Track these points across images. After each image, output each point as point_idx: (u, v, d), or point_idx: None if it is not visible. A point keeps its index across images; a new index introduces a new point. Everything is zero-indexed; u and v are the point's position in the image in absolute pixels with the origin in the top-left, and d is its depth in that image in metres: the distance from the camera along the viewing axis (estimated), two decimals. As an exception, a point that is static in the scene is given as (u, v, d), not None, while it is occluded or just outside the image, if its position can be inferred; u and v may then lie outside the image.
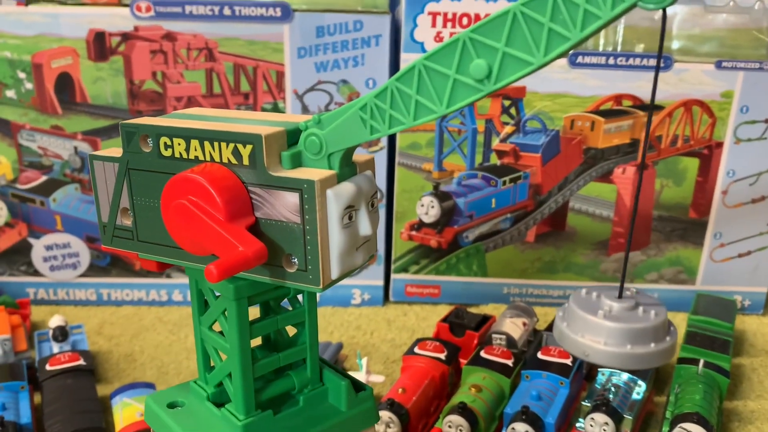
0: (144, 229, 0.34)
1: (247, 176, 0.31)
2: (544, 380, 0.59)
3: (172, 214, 0.31)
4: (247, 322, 0.33)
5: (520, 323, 0.68)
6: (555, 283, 0.81)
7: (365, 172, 0.32)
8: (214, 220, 0.29)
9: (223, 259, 0.28)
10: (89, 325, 0.77)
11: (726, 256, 0.80)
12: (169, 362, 0.70)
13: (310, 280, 0.30)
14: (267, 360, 0.34)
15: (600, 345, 0.29)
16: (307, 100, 0.75)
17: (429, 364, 0.61)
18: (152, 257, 0.35)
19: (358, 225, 0.31)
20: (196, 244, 0.31)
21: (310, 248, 0.30)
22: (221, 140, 0.31)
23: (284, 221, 0.30)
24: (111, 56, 0.73)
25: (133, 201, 0.34)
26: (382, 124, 0.28)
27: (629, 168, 0.77)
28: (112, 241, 0.36)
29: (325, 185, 0.30)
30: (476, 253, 0.80)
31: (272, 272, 0.31)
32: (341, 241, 0.30)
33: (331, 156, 0.30)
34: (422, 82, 0.26)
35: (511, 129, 0.76)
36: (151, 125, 0.33)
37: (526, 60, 0.23)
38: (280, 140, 0.31)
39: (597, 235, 0.79)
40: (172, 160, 0.32)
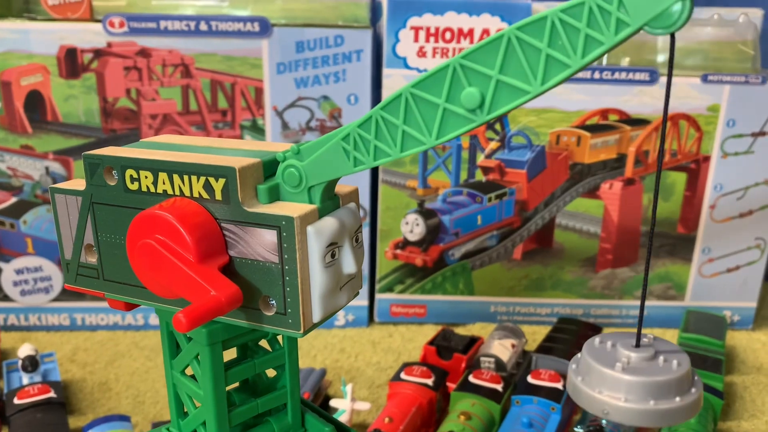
0: (110, 268, 0.32)
1: (219, 212, 0.29)
2: (534, 406, 0.57)
3: (139, 254, 0.28)
4: (222, 367, 0.30)
5: (509, 345, 0.66)
6: (543, 301, 0.79)
7: (349, 204, 0.30)
8: (184, 261, 0.27)
9: (194, 306, 0.25)
10: (62, 351, 0.74)
11: (715, 271, 0.79)
12: (146, 390, 0.67)
13: (289, 324, 0.28)
14: (244, 407, 0.32)
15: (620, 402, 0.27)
16: (287, 117, 0.73)
17: (416, 390, 0.59)
18: (119, 297, 0.32)
19: (341, 263, 0.28)
20: (164, 286, 0.28)
21: (290, 290, 0.28)
22: (191, 173, 0.29)
23: (261, 261, 0.28)
24: (83, 73, 0.70)
25: (98, 237, 0.32)
26: (366, 156, 0.26)
27: (616, 183, 0.75)
28: (76, 279, 0.33)
29: (306, 221, 0.28)
30: (462, 271, 0.78)
31: (248, 315, 0.29)
32: (323, 281, 0.28)
33: (312, 189, 0.28)
34: (409, 112, 0.24)
35: (496, 145, 0.74)
36: (115, 157, 0.30)
37: (522, 89, 0.22)
38: (255, 173, 0.28)
39: (584, 251, 0.78)
40: (138, 195, 0.30)
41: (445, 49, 0.71)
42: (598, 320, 0.79)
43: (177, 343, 0.33)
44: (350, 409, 0.59)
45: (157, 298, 0.31)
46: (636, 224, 0.77)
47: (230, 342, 0.31)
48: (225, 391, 0.31)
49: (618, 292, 0.79)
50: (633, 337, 0.30)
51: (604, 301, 0.79)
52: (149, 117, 0.72)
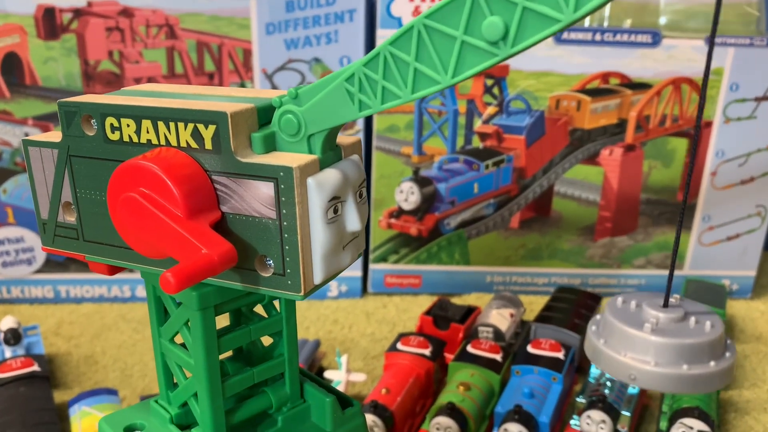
0: (90, 227, 0.29)
1: (210, 163, 0.26)
2: (535, 376, 0.56)
3: (121, 209, 0.26)
4: (215, 334, 0.28)
5: (507, 314, 0.64)
6: (540, 271, 0.78)
7: (351, 156, 0.27)
8: (171, 216, 0.25)
9: (183, 265, 0.23)
10: (46, 325, 0.72)
11: (714, 239, 0.77)
12: (134, 364, 0.65)
13: (288, 286, 0.26)
14: (239, 377, 0.30)
15: (649, 366, 0.24)
16: (277, 80, 0.70)
17: (413, 361, 0.57)
18: (101, 260, 0.30)
19: (344, 219, 0.26)
20: (150, 245, 0.26)
21: (289, 248, 0.25)
22: (178, 120, 0.26)
23: (256, 216, 0.26)
24: (62, 34, 0.67)
25: (77, 194, 0.29)
26: (372, 99, 0.23)
27: (617, 149, 0.73)
28: (53, 241, 0.31)
29: (306, 173, 0.25)
30: (458, 240, 0.76)
31: (243, 277, 0.27)
32: (325, 239, 0.25)
33: (312, 138, 0.26)
34: (422, 46, 0.22)
35: (493, 110, 0.72)
36: (94, 103, 0.28)
37: (552, 16, 0.19)
38: (249, 119, 0.26)
39: (583, 219, 0.76)
40: (120, 145, 0.28)
41: (442, 9, 0.68)
42: (596, 290, 0.78)
43: (165, 309, 0.30)
44: (345, 380, 0.58)
45: (143, 260, 0.28)
46: (636, 191, 0.75)
47: (223, 307, 0.28)
48: (218, 359, 0.28)
49: (616, 261, 0.77)
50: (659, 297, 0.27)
51: (603, 270, 0.78)
52: (133, 80, 0.69)
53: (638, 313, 0.27)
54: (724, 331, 0.27)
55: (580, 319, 0.65)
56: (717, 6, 0.21)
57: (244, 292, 0.28)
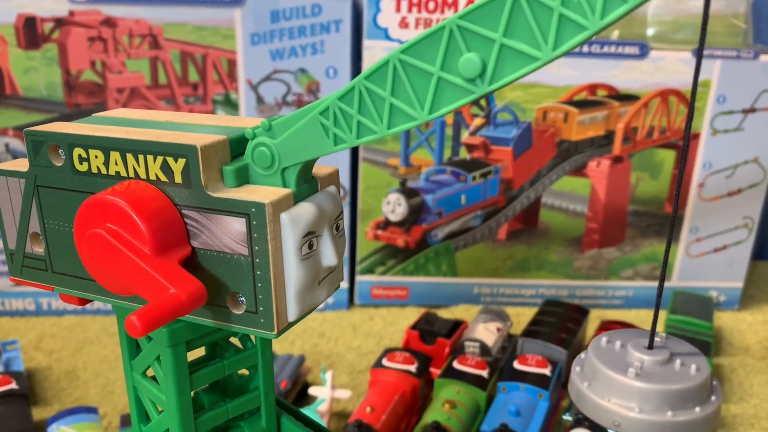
0: (59, 259, 0.29)
1: (180, 197, 0.25)
2: (521, 393, 0.55)
3: (88, 246, 0.25)
4: (186, 370, 0.27)
5: (494, 328, 0.64)
6: (527, 282, 0.77)
7: (328, 188, 0.27)
8: (138, 254, 0.24)
9: (149, 307, 0.22)
10: (27, 338, 0.71)
11: (702, 250, 0.77)
12: (115, 379, 0.64)
13: (261, 324, 0.25)
14: (213, 413, 0.29)
15: (633, 412, 0.24)
16: (262, 91, 0.69)
17: (399, 377, 0.57)
18: (71, 292, 0.29)
19: (320, 254, 0.25)
20: (117, 282, 0.25)
21: (261, 286, 0.25)
22: (147, 152, 0.25)
23: (228, 252, 0.25)
24: (44, 44, 0.66)
25: (45, 225, 0.28)
26: (348, 133, 0.23)
27: (604, 161, 0.73)
28: (21, 272, 0.30)
29: (279, 208, 0.24)
30: (445, 252, 0.76)
31: (215, 314, 0.26)
32: (299, 275, 0.25)
33: (286, 171, 0.25)
34: (398, 82, 0.21)
35: (481, 121, 0.71)
36: (61, 133, 0.27)
37: (531, 54, 0.19)
38: (221, 152, 0.25)
39: (570, 231, 0.76)
40: (88, 177, 0.27)
41: (429, 20, 0.67)
42: (583, 301, 0.78)
43: (137, 342, 0.29)
44: (330, 397, 0.57)
45: (113, 294, 0.28)
46: (623, 203, 0.75)
47: (195, 342, 0.28)
48: (190, 396, 0.28)
49: (604, 272, 0.77)
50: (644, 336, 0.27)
51: (590, 281, 0.77)
52: (116, 91, 0.68)
53: (623, 354, 0.26)
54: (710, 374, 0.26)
55: (567, 333, 0.64)
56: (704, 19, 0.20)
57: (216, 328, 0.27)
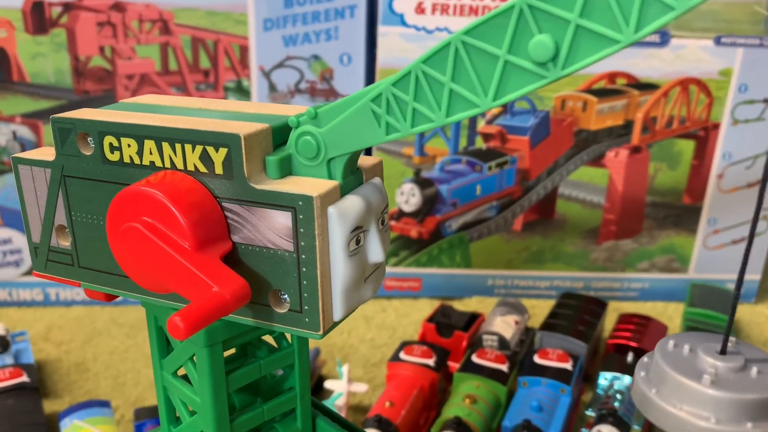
0: (87, 253, 0.27)
1: (221, 189, 0.24)
2: (543, 387, 0.54)
3: (122, 241, 0.24)
4: (222, 371, 0.26)
5: (512, 321, 0.63)
6: (543, 274, 0.76)
7: (373, 179, 0.25)
8: (178, 249, 0.22)
9: (193, 307, 0.21)
10: (36, 329, 0.69)
11: (719, 242, 0.76)
12: (126, 371, 0.63)
13: (306, 324, 0.24)
14: (248, 415, 0.28)
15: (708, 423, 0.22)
16: (274, 78, 0.68)
17: (417, 371, 0.56)
18: (99, 288, 0.28)
19: (367, 250, 0.24)
20: (154, 280, 0.24)
21: (307, 283, 0.23)
22: (185, 141, 0.24)
23: (271, 248, 0.24)
24: (52, 29, 0.64)
25: (72, 218, 0.27)
26: (402, 122, 0.21)
27: (622, 151, 0.72)
28: (46, 266, 0.28)
29: (326, 201, 0.23)
30: (460, 243, 0.75)
31: (255, 312, 0.25)
32: (347, 272, 0.23)
33: (332, 162, 0.23)
34: (460, 66, 0.20)
35: (497, 110, 0.70)
36: (91, 120, 0.25)
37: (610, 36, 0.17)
38: (263, 141, 0.24)
39: (587, 222, 0.74)
40: (120, 167, 0.25)
41: (446, 6, 0.66)
42: (599, 293, 0.77)
43: (167, 340, 0.28)
44: (347, 391, 0.56)
45: (145, 290, 0.26)
46: (641, 194, 0.73)
47: (232, 341, 0.26)
48: (226, 398, 0.26)
49: (620, 264, 0.76)
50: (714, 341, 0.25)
51: (606, 274, 0.76)
52: (125, 77, 0.67)
53: (693, 359, 0.25)
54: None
55: (586, 326, 0.63)
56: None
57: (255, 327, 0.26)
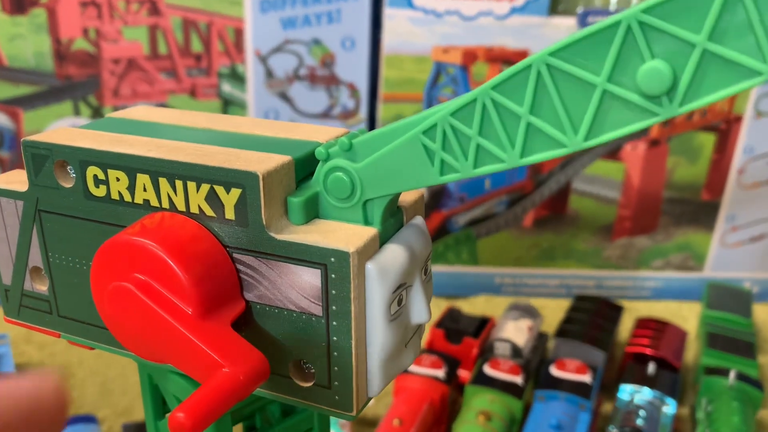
0: (67, 301, 0.23)
1: (232, 238, 0.19)
2: (561, 402, 0.51)
3: (110, 302, 0.19)
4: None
5: (525, 327, 0.59)
6: (553, 272, 0.73)
7: (415, 219, 0.21)
8: (179, 316, 0.18)
9: (199, 396, 0.17)
10: (17, 330, 0.65)
11: (737, 240, 0.73)
12: (114, 377, 0.59)
13: (335, 402, 0.20)
14: None
15: None
16: (271, 63, 0.63)
17: (426, 384, 0.52)
18: (82, 341, 0.23)
19: (410, 310, 0.20)
20: (149, 349, 0.19)
21: (338, 355, 0.19)
22: (188, 178, 0.19)
23: (294, 311, 0.19)
24: (31, 9, 0.59)
25: (49, 259, 0.22)
26: (461, 160, 0.17)
27: (640, 144, 0.68)
28: (19, 312, 0.24)
29: (364, 257, 0.19)
30: (466, 239, 0.71)
31: (273, 384, 0.21)
32: (387, 340, 0.19)
33: (369, 204, 0.19)
34: (542, 94, 0.15)
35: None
36: (71, 147, 0.21)
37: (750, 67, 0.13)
38: (285, 178, 0.19)
39: (601, 218, 0.71)
40: (106, 203, 0.21)
41: (458, -11, 0.61)
42: (611, 293, 0.73)
43: (164, 401, 0.24)
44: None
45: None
46: (658, 189, 0.70)
47: (243, 410, 0.22)
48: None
49: (634, 262, 0.72)
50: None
51: (619, 272, 0.73)
52: (111, 62, 0.62)
53: None
54: None
55: (601, 331, 0.60)
56: None
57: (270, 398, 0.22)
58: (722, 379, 0.54)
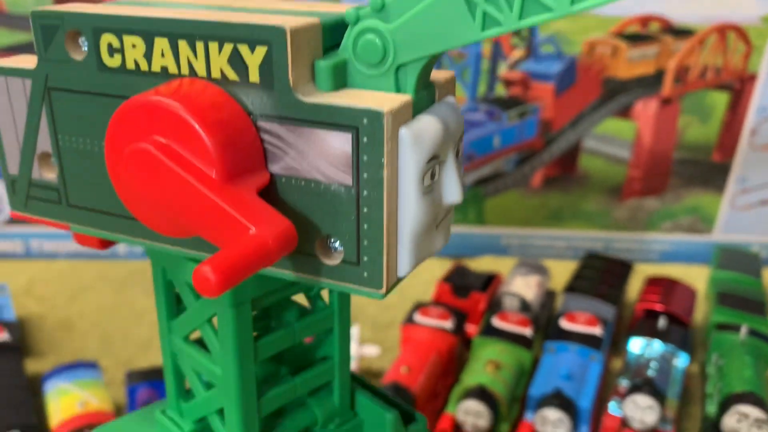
0: (78, 188, 0.22)
1: (256, 103, 0.18)
2: (571, 354, 0.50)
3: (126, 168, 0.18)
4: (250, 337, 0.21)
5: (533, 282, 0.58)
6: (561, 234, 0.72)
7: (447, 98, 0.20)
8: (202, 179, 0.17)
9: (228, 253, 0.16)
10: (16, 283, 0.64)
11: (747, 202, 0.72)
12: (115, 329, 0.58)
13: (364, 279, 0.19)
14: (278, 390, 0.23)
15: None
16: None
17: (433, 335, 0.51)
18: (92, 232, 0.22)
19: (442, 186, 0.19)
20: (169, 219, 0.18)
21: (368, 228, 0.18)
22: (209, 38, 0.18)
23: (322, 182, 0.18)
24: (31, -49, 0.58)
25: (59, 143, 0.21)
26: (506, 10, 0.16)
27: (652, 102, 0.67)
28: (26, 204, 0.23)
29: (399, 121, 0.18)
30: (474, 199, 0.70)
31: (297, 264, 0.20)
32: (419, 214, 0.18)
33: (402, 70, 0.18)
34: None
35: (521, 53, 0.64)
36: (84, 14, 0.20)
37: None
38: (313, 40, 0.18)
39: (611, 179, 0.70)
40: (122, 75, 0.20)
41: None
42: (619, 255, 0.72)
43: (178, 298, 0.23)
44: (358, 354, 0.52)
45: (153, 234, 0.21)
46: (669, 149, 0.69)
47: (261, 300, 0.21)
48: (253, 369, 0.21)
49: (643, 224, 0.72)
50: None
51: (628, 234, 0.72)
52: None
53: None
54: None
55: (612, 288, 0.59)
56: None
57: (291, 282, 0.21)
58: (733, 334, 0.53)
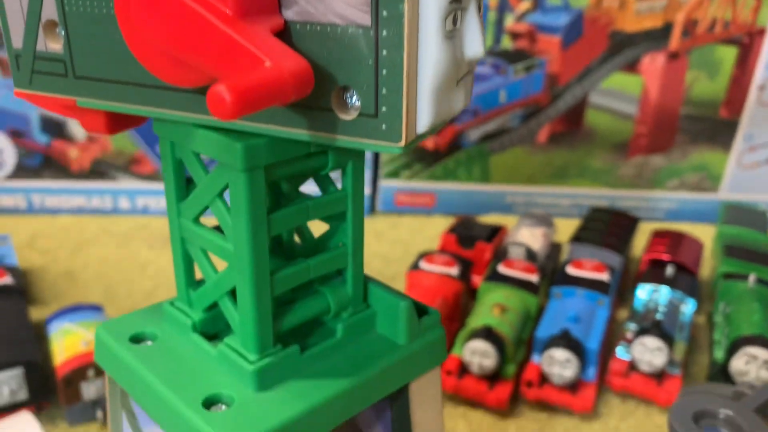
0: (84, 57, 0.21)
1: None
2: (578, 298, 0.50)
3: (138, 8, 0.17)
4: (264, 207, 0.20)
5: (539, 233, 0.58)
6: (566, 191, 0.71)
7: None
8: (216, 12, 0.16)
9: (242, 78, 0.15)
10: (19, 237, 0.64)
11: (755, 160, 0.71)
12: (119, 281, 0.58)
13: (382, 133, 0.18)
14: (291, 270, 0.22)
15: None
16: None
17: (439, 281, 0.51)
18: (99, 104, 0.22)
19: (464, 36, 0.18)
20: (183, 64, 0.18)
21: (387, 73, 0.17)
22: None
23: (338, 25, 0.17)
24: None
25: (65, 7, 0.21)
26: None
27: (659, 57, 0.66)
28: (31, 80, 0.22)
29: None
30: (479, 155, 0.69)
31: (313, 121, 0.19)
32: (441, 61, 0.17)
33: None
34: None
35: (527, 5, 0.64)
36: None
37: None
38: None
39: (617, 135, 0.69)
40: None
41: None
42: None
43: (188, 179, 0.23)
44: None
45: (161, 98, 0.20)
46: (676, 105, 0.68)
47: (275, 169, 0.21)
48: (267, 241, 0.21)
49: (649, 181, 0.71)
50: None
51: (634, 191, 0.71)
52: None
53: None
54: None
55: (618, 239, 0.58)
56: None
57: (305, 153, 0.20)
58: (741, 282, 0.53)
